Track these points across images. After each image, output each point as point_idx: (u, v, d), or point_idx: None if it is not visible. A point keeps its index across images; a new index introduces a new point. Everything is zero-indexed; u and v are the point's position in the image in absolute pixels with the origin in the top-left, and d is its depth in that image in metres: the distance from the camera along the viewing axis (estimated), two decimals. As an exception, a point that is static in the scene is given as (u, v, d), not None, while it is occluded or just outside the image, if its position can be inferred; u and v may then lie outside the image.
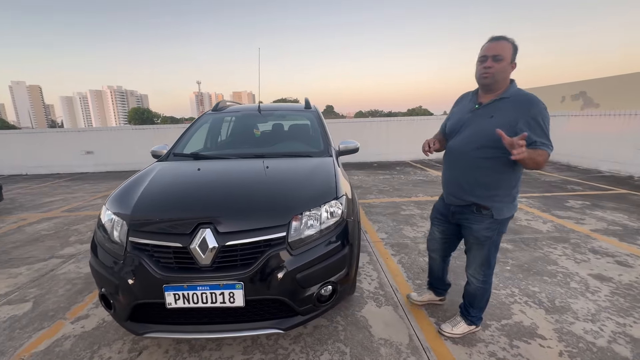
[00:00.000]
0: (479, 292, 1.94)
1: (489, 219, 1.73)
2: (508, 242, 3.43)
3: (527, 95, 1.61)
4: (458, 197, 1.81)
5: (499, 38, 1.60)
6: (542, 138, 1.54)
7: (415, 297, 2.34)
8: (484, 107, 1.69)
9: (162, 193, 1.96)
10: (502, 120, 1.60)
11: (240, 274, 1.63)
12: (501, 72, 1.59)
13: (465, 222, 1.83)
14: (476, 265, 1.88)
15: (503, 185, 1.69)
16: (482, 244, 1.80)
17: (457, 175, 1.80)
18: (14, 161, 9.80)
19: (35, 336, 2.13)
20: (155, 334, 1.70)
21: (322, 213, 1.87)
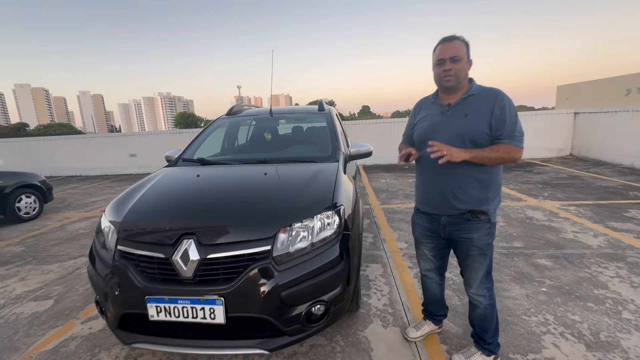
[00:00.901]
0: (488, 312, 1.71)
1: (487, 223, 1.61)
2: (547, 258, 3.00)
3: (492, 90, 1.58)
4: (450, 206, 1.63)
5: (451, 38, 1.55)
6: (506, 131, 1.49)
7: (412, 333, 2.00)
8: (454, 107, 1.60)
9: (154, 201, 1.94)
10: (476, 116, 1.54)
11: (221, 289, 1.54)
12: (461, 71, 1.55)
13: (462, 233, 1.64)
14: (479, 280, 1.69)
15: (492, 185, 1.60)
16: (484, 254, 1.65)
17: (444, 183, 1.63)
18: (71, 163, 10.86)
19: (47, 334, 2.24)
20: (141, 344, 1.68)
21: (316, 224, 1.73)
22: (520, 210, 4.51)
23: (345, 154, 2.69)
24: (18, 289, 2.95)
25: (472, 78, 1.62)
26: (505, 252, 3.19)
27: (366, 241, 3.65)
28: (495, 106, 1.50)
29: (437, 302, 2.00)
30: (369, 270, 2.95)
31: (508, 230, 3.77)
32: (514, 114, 1.51)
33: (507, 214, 4.39)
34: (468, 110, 1.56)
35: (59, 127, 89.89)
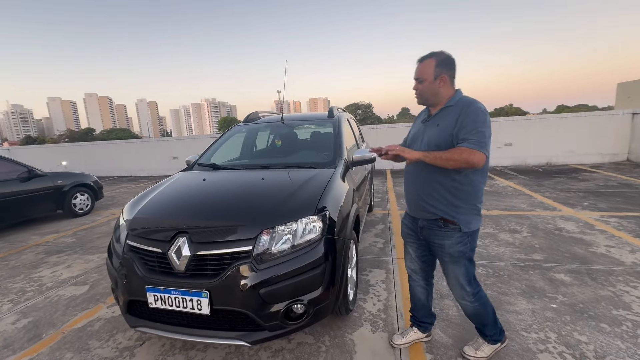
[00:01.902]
0: (479, 310, 1.78)
1: (458, 232, 1.64)
2: (567, 273, 2.79)
3: (467, 100, 1.60)
4: (424, 210, 1.72)
5: (422, 59, 1.63)
6: (463, 134, 1.50)
7: (397, 339, 2.01)
8: (432, 118, 1.69)
9: (159, 203, 2.18)
10: (445, 126, 1.59)
11: (207, 283, 1.70)
12: (425, 91, 1.65)
13: (435, 239, 1.72)
14: (459, 286, 1.75)
15: (462, 196, 1.61)
16: (457, 261, 1.69)
17: (418, 189, 1.73)
18: (122, 165, 12.07)
19: (79, 315, 2.59)
20: (143, 328, 1.90)
21: (299, 228, 1.83)
22: (550, 221, 4.19)
23: (347, 160, 2.76)
24: (64, 274, 3.42)
25: (459, 90, 1.66)
26: (520, 264, 3.02)
27: (376, 246, 3.66)
28: (461, 114, 1.54)
29: (422, 307, 2.00)
30: (371, 275, 2.97)
31: (530, 242, 3.54)
32: (476, 120, 1.50)
33: (535, 224, 4.11)
34: (440, 121, 1.63)
35: (120, 131, 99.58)
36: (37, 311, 2.69)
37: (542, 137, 8.79)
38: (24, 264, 3.79)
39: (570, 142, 8.71)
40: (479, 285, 1.78)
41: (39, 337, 2.32)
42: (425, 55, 1.63)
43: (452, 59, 1.62)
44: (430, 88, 1.62)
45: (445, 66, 1.61)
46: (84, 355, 2.11)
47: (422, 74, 1.62)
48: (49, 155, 13.12)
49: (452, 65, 1.62)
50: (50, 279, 3.32)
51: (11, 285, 3.22)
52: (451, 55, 1.62)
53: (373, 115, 79.74)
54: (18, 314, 2.65)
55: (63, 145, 14.67)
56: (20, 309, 2.73)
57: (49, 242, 4.57)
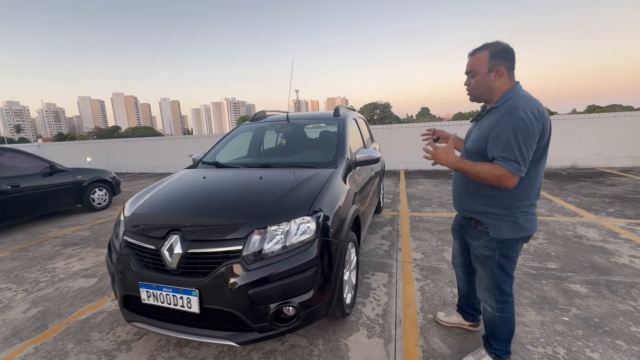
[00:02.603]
0: (497, 321, 1.69)
1: (485, 236, 1.59)
2: (583, 284, 2.61)
3: (510, 104, 1.43)
4: (462, 208, 1.74)
5: (473, 52, 1.54)
6: (494, 150, 1.42)
7: (442, 316, 2.18)
8: (481, 117, 1.62)
9: (157, 200, 2.19)
10: (484, 130, 1.51)
11: (197, 281, 1.70)
12: (477, 86, 1.54)
13: (467, 237, 1.74)
14: (483, 288, 1.70)
15: (496, 201, 1.53)
16: (482, 264, 1.65)
17: (458, 187, 1.74)
18: (142, 162, 12.47)
19: (85, 307, 2.67)
20: (137, 323, 1.92)
21: (292, 228, 1.80)
22: (570, 227, 3.96)
23: (349, 160, 2.70)
24: (76, 266, 3.54)
25: (517, 84, 1.50)
26: (533, 272, 2.86)
27: (381, 249, 3.57)
28: (498, 122, 1.42)
29: (463, 297, 2.05)
30: (373, 279, 2.89)
31: (546, 249, 3.35)
32: (513, 134, 1.36)
33: (553, 230, 3.89)
34: (482, 123, 1.55)
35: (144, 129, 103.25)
36: (47, 301, 2.79)
37: (566, 139, 8.34)
38: (42, 255, 3.96)
39: (597, 144, 8.23)
40: (510, 298, 1.65)
41: (45, 327, 2.40)
42: (478, 47, 1.51)
43: (510, 49, 1.47)
44: (484, 82, 1.49)
45: (502, 57, 1.47)
46: (84, 346, 2.16)
47: (474, 66, 1.50)
48: (75, 152, 13.75)
49: (510, 56, 1.47)
50: (63, 270, 3.45)
51: (27, 275, 3.36)
52: (508, 45, 1.47)
53: (391, 115, 78.71)
54: (29, 303, 2.77)
55: (88, 142, 15.36)
56: (32, 299, 2.85)
57: (67, 235, 4.76)
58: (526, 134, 1.35)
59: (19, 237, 4.78)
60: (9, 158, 5.23)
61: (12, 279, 3.28)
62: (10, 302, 2.81)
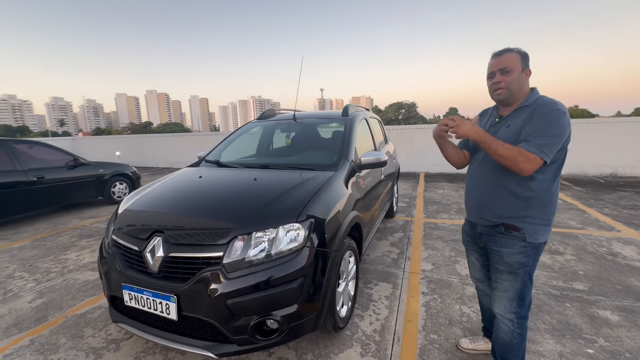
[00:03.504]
0: (515, 340, 1.58)
1: (522, 241, 1.49)
2: (615, 310, 2.30)
3: (545, 100, 1.43)
4: (485, 216, 1.59)
5: (502, 52, 1.49)
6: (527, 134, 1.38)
7: (466, 343, 1.97)
8: (504, 119, 1.54)
9: (149, 198, 2.15)
10: (514, 126, 1.46)
11: (176, 287, 1.62)
12: (513, 83, 1.47)
13: (493, 246, 1.58)
14: (507, 300, 1.57)
15: (533, 203, 1.46)
16: (515, 273, 1.53)
17: (481, 193, 1.60)
18: (166, 157, 12.87)
19: (85, 301, 2.70)
20: (122, 324, 1.88)
21: (279, 235, 1.68)
22: (603, 243, 3.56)
23: (353, 163, 2.54)
24: (86, 258, 3.64)
25: (535, 88, 1.51)
26: (556, 293, 2.56)
27: (389, 257, 3.38)
28: (534, 115, 1.40)
29: (492, 318, 1.78)
30: (376, 289, 2.72)
31: (574, 267, 3.01)
32: (551, 124, 1.35)
33: (583, 245, 3.52)
34: (512, 122, 1.50)
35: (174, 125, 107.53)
36: (52, 292, 2.86)
37: (606, 143, 7.65)
38: (58, 245, 4.11)
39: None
40: (528, 312, 1.59)
41: (45, 319, 2.45)
42: (505, 49, 1.50)
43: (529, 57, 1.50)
44: (519, 79, 1.47)
45: (527, 61, 1.48)
46: (76, 342, 2.16)
47: (510, 63, 1.46)
48: (106, 146, 14.46)
49: (529, 62, 1.49)
50: (74, 262, 3.55)
51: (40, 265, 3.49)
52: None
53: (417, 115, 76.86)
54: (36, 294, 2.85)
55: (118, 137, 16.10)
56: (40, 289, 2.93)
57: (85, 227, 4.93)
58: (560, 124, 1.36)
59: (42, 226, 5.01)
60: (37, 151, 5.51)
61: (27, 268, 3.41)
62: (19, 291, 2.90)
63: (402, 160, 8.39)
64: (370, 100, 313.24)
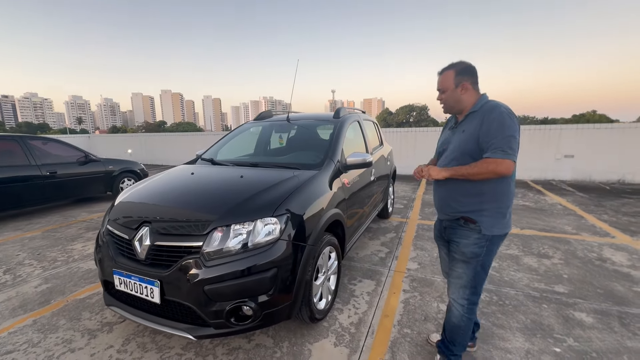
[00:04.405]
0: (463, 322, 1.73)
1: (477, 233, 1.63)
2: (591, 313, 2.34)
3: (491, 104, 1.58)
4: (446, 212, 1.76)
5: (440, 72, 1.69)
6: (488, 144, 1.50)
7: (436, 337, 2.05)
8: (459, 124, 1.71)
9: (141, 192, 2.31)
10: (470, 131, 1.59)
11: (159, 273, 1.77)
12: (448, 100, 1.68)
13: (454, 237, 1.73)
14: (460, 287, 1.71)
15: (487, 198, 1.60)
16: (468, 262, 1.67)
17: (444, 191, 1.75)
18: (175, 156, 13.20)
19: (85, 287, 2.89)
20: (114, 307, 2.03)
21: (256, 228, 1.81)
22: (595, 248, 3.56)
23: (339, 163, 2.65)
24: (91, 249, 3.84)
25: (484, 94, 1.66)
26: (535, 295, 2.61)
27: (377, 256, 3.47)
28: (484, 120, 1.53)
29: None
30: (359, 286, 2.81)
31: (559, 271, 3.04)
32: (502, 126, 1.48)
33: (573, 250, 3.53)
34: (466, 127, 1.64)
35: (187, 125, 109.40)
36: (57, 279, 3.06)
37: (614, 150, 7.52)
38: (66, 236, 4.35)
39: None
40: (478, 299, 1.74)
41: (48, 302, 2.64)
42: (443, 68, 1.68)
43: (472, 67, 1.65)
44: (452, 96, 1.66)
45: (466, 74, 1.63)
46: (74, 324, 2.34)
47: (442, 84, 1.67)
48: (119, 143, 14.95)
49: (472, 73, 1.64)
50: (79, 252, 3.76)
51: (49, 254, 3.71)
52: (471, 64, 1.66)
53: (428, 118, 76.13)
54: (42, 280, 3.05)
55: (131, 135, 16.59)
56: (46, 276, 3.14)
57: (93, 220, 5.18)
58: (509, 124, 1.49)
59: (54, 218, 5.29)
60: (51, 147, 5.80)
61: (36, 256, 3.64)
62: (27, 277, 3.12)
63: (405, 163, 8.44)
64: (381, 103, 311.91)
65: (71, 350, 2.06)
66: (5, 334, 2.24)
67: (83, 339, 2.17)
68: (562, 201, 5.78)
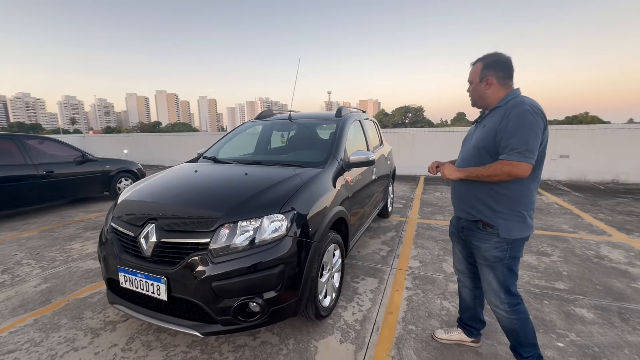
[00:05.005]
0: (516, 325, 1.66)
1: (496, 237, 1.58)
2: (592, 309, 2.37)
3: (516, 100, 1.51)
4: (463, 211, 1.72)
5: (473, 62, 1.66)
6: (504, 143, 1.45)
7: (441, 333, 2.05)
8: (483, 119, 1.67)
9: (145, 189, 2.29)
10: (489, 126, 1.55)
11: (166, 270, 1.76)
12: (472, 93, 1.67)
13: (474, 241, 1.69)
14: (493, 292, 1.67)
15: (502, 200, 1.55)
16: (492, 266, 1.63)
17: (461, 191, 1.72)
18: (171, 156, 13.12)
19: (86, 287, 2.86)
20: (118, 306, 2.02)
21: (263, 225, 1.81)
22: (592, 246, 3.61)
23: (342, 161, 2.66)
24: (90, 249, 3.81)
25: (515, 90, 1.59)
26: (536, 292, 2.64)
27: (379, 254, 3.48)
28: (504, 116, 1.48)
29: (467, 309, 1.95)
30: (362, 284, 2.82)
31: (558, 268, 3.08)
32: (519, 125, 1.42)
33: (572, 248, 3.58)
34: (487, 122, 1.60)
35: (182, 126, 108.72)
36: (56, 278, 3.03)
37: (608, 150, 7.63)
38: (64, 236, 4.30)
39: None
40: (519, 298, 1.67)
41: (48, 302, 2.61)
42: (478, 58, 1.64)
43: (503, 60, 1.58)
44: (476, 90, 1.63)
45: (493, 68, 1.57)
46: (76, 323, 2.31)
47: (471, 76, 1.66)
48: (115, 144, 14.81)
49: (502, 66, 1.57)
50: (78, 252, 3.72)
51: (47, 254, 3.67)
52: (503, 56, 1.58)
53: (424, 119, 76.58)
54: (41, 279, 3.02)
55: (127, 135, 16.47)
56: (45, 275, 3.10)
57: (90, 220, 5.13)
58: (532, 124, 1.42)
59: (50, 218, 5.23)
60: (47, 146, 5.73)
61: (34, 256, 3.60)
62: (26, 277, 3.08)
63: (403, 163, 8.49)
64: (377, 104, 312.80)
65: (74, 349, 2.03)
66: (6, 333, 2.21)
67: (86, 337, 2.14)
68: (558, 200, 5.86)
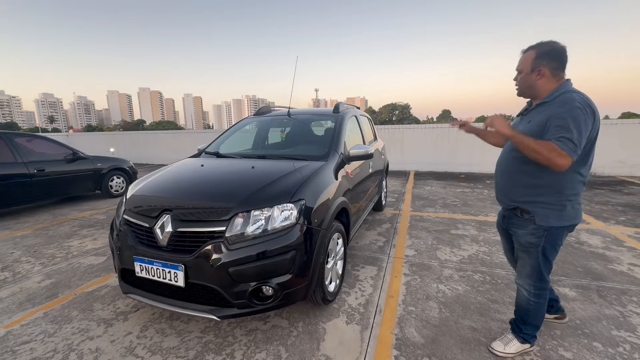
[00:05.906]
0: (531, 306, 1.77)
1: (532, 224, 1.65)
2: (573, 288, 2.59)
3: (565, 97, 1.49)
4: (504, 202, 1.80)
5: (525, 50, 1.61)
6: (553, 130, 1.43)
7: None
8: (529, 112, 1.67)
9: (156, 182, 2.36)
10: (536, 122, 1.55)
11: (183, 258, 1.85)
12: (521, 83, 1.63)
13: (512, 227, 1.78)
14: (524, 275, 1.76)
15: (544, 190, 1.60)
16: (527, 251, 1.71)
17: (502, 180, 1.79)
18: (160, 154, 12.96)
19: (91, 281, 2.89)
20: (132, 295, 2.09)
21: (274, 214, 1.91)
22: (572, 233, 3.87)
23: (342, 155, 2.79)
24: (89, 245, 3.81)
25: (566, 82, 1.55)
26: (523, 274, 2.84)
27: (376, 244, 3.64)
28: (553, 114, 1.45)
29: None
30: (362, 272, 2.97)
31: (543, 253, 3.30)
32: (571, 119, 1.39)
33: (554, 235, 3.82)
34: (533, 117, 1.59)
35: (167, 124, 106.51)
36: (59, 274, 3.04)
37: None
38: (60, 234, 4.27)
39: (620, 152, 7.88)
40: (547, 285, 1.75)
41: (55, 296, 2.64)
42: (530, 45, 1.58)
43: (559, 51, 1.52)
44: (526, 80, 1.59)
45: (547, 57, 1.52)
46: (87, 314, 2.36)
47: (521, 64, 1.60)
48: (100, 142, 14.48)
49: (556, 57, 1.52)
50: (77, 248, 3.73)
51: (45, 251, 3.66)
52: (558, 45, 1.52)
53: (410, 117, 77.68)
54: (44, 275, 3.03)
55: (113, 133, 16.11)
56: (47, 271, 3.11)
57: (85, 218, 5.09)
58: (581, 120, 1.40)
59: (42, 217, 5.15)
60: (37, 144, 5.63)
61: (32, 254, 3.58)
62: (27, 273, 3.08)
63: (394, 159, 8.69)
64: (364, 101, 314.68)
65: (90, 338, 2.10)
66: (17, 326, 2.24)
67: (99, 327, 2.21)
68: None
